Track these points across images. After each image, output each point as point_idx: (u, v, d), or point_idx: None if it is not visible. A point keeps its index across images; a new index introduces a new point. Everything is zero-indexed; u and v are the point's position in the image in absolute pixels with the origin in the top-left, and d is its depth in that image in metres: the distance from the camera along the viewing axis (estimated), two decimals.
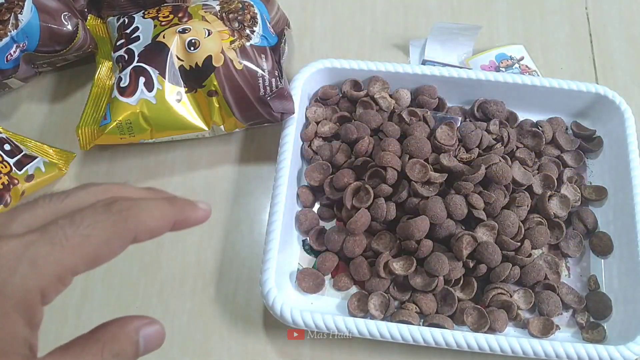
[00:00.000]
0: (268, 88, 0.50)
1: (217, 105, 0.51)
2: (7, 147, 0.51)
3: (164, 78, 0.50)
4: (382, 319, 0.45)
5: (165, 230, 0.24)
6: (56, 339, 0.48)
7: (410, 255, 0.47)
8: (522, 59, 0.60)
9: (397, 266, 0.46)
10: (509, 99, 0.55)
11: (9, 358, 0.20)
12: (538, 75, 0.59)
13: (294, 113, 0.51)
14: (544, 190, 0.50)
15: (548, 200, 0.49)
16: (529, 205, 0.48)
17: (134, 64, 0.50)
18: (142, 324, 0.23)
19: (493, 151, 0.50)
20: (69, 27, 0.54)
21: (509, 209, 0.47)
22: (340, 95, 0.56)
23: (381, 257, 0.46)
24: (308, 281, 0.48)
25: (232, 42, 0.51)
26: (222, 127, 0.52)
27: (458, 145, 0.50)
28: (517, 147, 0.52)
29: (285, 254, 0.48)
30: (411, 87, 0.56)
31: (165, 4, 0.56)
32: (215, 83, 0.50)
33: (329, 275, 0.49)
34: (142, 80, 0.50)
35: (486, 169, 0.47)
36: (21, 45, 0.53)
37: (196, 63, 0.50)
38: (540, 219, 0.48)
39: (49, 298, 0.22)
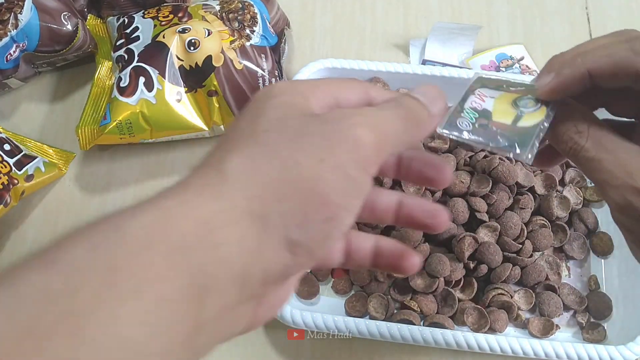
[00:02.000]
0: None
1: (217, 105, 0.51)
2: (6, 147, 0.51)
3: (164, 78, 0.50)
4: (382, 320, 0.45)
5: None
6: None
7: None
8: (522, 58, 0.60)
9: None
10: None
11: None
12: None
13: None
14: (547, 191, 0.50)
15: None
16: (532, 207, 0.48)
17: (134, 63, 0.50)
18: None
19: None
20: (69, 27, 0.54)
21: (512, 211, 0.47)
22: None
23: None
24: (303, 286, 0.47)
25: (232, 42, 0.51)
26: (222, 127, 0.52)
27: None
28: None
29: None
30: (411, 87, 0.55)
31: (165, 4, 0.56)
32: (215, 83, 0.50)
33: (329, 277, 0.49)
34: (142, 80, 0.49)
35: (491, 170, 0.47)
36: (21, 45, 0.53)
37: (196, 63, 0.50)
38: (543, 222, 0.48)
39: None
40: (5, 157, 0.50)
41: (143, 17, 0.54)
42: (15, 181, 0.49)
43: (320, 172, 0.20)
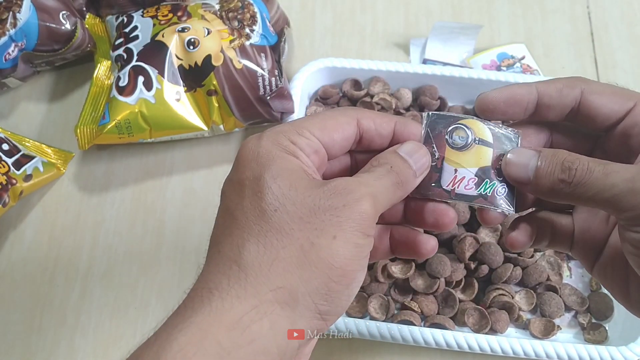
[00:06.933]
0: (268, 87, 0.50)
1: (217, 105, 0.50)
2: (5, 146, 0.50)
3: (163, 77, 0.49)
4: (383, 321, 0.44)
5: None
6: (54, 341, 0.48)
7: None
8: (523, 58, 0.60)
9: (396, 269, 0.46)
10: None
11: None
12: (539, 74, 0.59)
13: (293, 112, 0.51)
14: None
15: None
16: None
17: (133, 63, 0.50)
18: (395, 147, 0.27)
19: None
20: (68, 26, 0.54)
21: None
22: (341, 94, 0.56)
23: (379, 262, 0.46)
24: None
25: (231, 41, 0.50)
26: (221, 126, 0.52)
27: None
28: None
29: None
30: (412, 87, 0.55)
31: (164, 3, 0.56)
32: (215, 82, 0.49)
33: None
34: (141, 79, 0.49)
35: None
36: (19, 44, 0.52)
37: (195, 62, 0.49)
38: None
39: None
40: (4, 157, 0.49)
41: (142, 16, 0.53)
42: (14, 181, 0.49)
43: (335, 249, 0.23)
